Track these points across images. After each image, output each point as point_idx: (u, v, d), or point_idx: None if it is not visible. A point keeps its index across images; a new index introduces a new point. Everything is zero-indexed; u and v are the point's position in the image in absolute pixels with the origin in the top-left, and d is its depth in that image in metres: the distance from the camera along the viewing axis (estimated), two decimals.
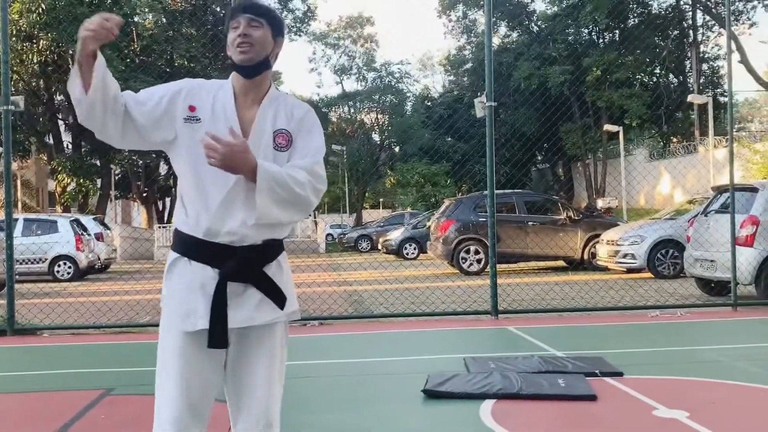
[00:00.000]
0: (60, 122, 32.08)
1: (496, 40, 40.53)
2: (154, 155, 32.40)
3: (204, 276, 2.27)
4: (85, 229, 18.75)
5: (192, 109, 2.30)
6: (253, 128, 2.32)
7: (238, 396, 2.38)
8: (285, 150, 2.36)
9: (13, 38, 23.76)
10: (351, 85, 53.39)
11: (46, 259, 17.26)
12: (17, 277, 7.72)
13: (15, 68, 26.26)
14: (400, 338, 7.19)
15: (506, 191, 17.02)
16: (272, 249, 2.37)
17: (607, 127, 31.32)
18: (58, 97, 31.47)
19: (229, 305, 2.25)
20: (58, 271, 17.41)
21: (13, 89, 9.98)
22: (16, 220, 17.82)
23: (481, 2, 32.44)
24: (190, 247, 2.31)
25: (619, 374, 5.08)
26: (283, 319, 2.38)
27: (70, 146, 32.44)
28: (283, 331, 2.43)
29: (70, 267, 17.46)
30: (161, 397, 2.29)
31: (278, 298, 2.33)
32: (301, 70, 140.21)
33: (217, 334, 2.23)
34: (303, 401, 4.59)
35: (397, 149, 50.59)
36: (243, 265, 2.28)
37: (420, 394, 4.65)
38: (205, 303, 2.25)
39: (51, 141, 31.58)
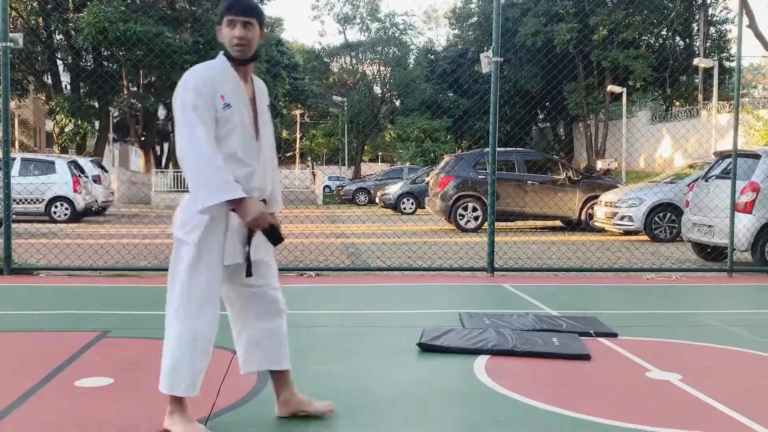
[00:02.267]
0: (59, 62, 31.67)
1: None
2: (153, 99, 32.13)
3: (239, 224, 2.95)
4: (82, 170, 18.67)
5: (223, 98, 2.89)
6: (259, 106, 3.06)
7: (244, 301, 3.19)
8: None
9: None
10: (354, 35, 52.79)
11: (43, 200, 17.23)
12: (14, 216, 7.70)
13: (14, 5, 25.84)
14: (395, 292, 7.21)
15: (506, 149, 16.93)
16: None
17: (611, 87, 31.08)
18: (58, 36, 31.02)
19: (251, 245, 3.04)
20: (55, 212, 17.40)
21: (11, 26, 9.81)
22: (14, 159, 17.71)
23: None
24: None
25: (613, 335, 5.11)
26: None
27: (68, 87, 32.09)
28: None
29: (67, 208, 17.45)
30: (202, 315, 2.92)
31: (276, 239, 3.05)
32: (304, 18, 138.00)
33: (251, 267, 3.03)
34: (297, 350, 4.61)
35: (398, 103, 50.19)
36: None
37: (415, 347, 4.67)
38: (241, 244, 3.01)
39: (49, 81, 31.23)
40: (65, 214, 17.42)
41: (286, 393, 3.29)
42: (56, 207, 17.43)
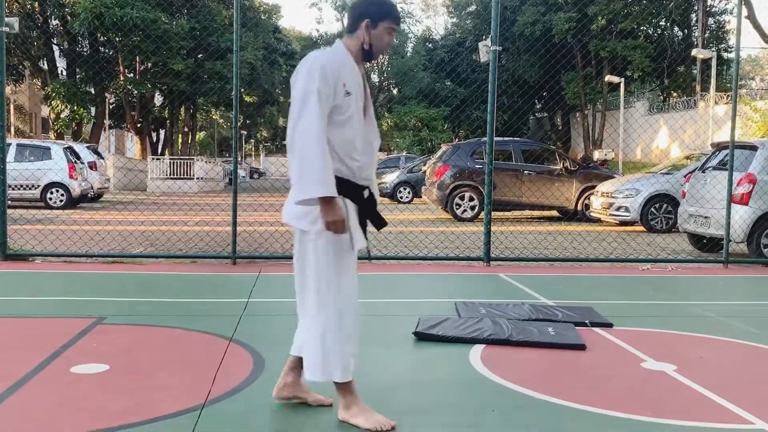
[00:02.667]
0: (55, 47, 31.49)
1: None
2: (149, 85, 31.99)
3: (353, 209, 3.06)
4: (78, 157, 18.61)
5: (344, 85, 2.96)
6: (368, 95, 3.17)
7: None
8: None
9: None
10: None
11: (38, 186, 17.18)
12: (9, 202, 7.66)
13: None
14: (392, 280, 7.21)
15: (504, 139, 16.91)
16: None
17: (609, 77, 31.04)
18: (54, 22, 30.84)
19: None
20: (50, 199, 17.36)
21: (7, 11, 9.76)
22: (9, 145, 17.64)
23: None
24: (343, 186, 2.98)
25: (609, 325, 5.12)
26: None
27: (64, 72, 31.94)
28: None
29: (62, 195, 17.41)
30: (344, 302, 3.00)
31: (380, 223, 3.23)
32: (301, 5, 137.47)
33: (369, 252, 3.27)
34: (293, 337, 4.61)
35: (395, 91, 50.07)
36: (368, 199, 3.15)
37: (411, 336, 4.68)
38: (359, 228, 3.08)
39: (45, 66, 31.07)
40: (61, 201, 17.38)
41: (294, 377, 3.31)
42: (52, 193, 17.39)
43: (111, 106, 34.91)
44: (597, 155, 26.83)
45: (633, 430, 3.10)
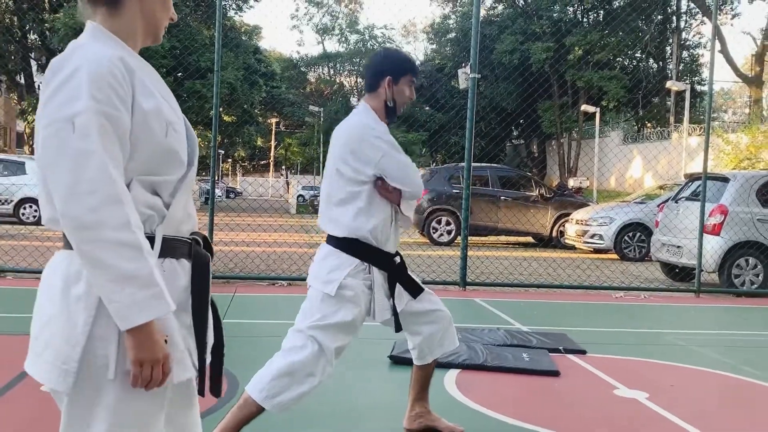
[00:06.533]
0: (33, 62, 31.27)
1: (481, 12, 40.16)
2: None
3: (383, 276, 3.01)
4: None
5: None
6: None
7: None
8: None
9: None
10: (332, 45, 52.83)
11: (11, 201, 16.97)
12: None
13: None
14: None
15: (481, 165, 17.05)
16: None
17: (585, 107, 31.43)
18: (32, 36, 30.67)
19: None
20: (23, 214, 17.14)
21: None
22: None
23: None
24: (372, 255, 2.97)
25: (582, 352, 5.16)
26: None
27: (41, 87, 31.73)
28: None
29: (36, 210, 17.18)
30: (322, 364, 2.91)
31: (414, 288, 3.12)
32: (282, 27, 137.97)
33: (399, 320, 3.11)
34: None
35: None
36: (399, 266, 3.08)
37: (386, 359, 4.68)
38: (387, 298, 3.04)
39: (22, 81, 30.83)
40: (34, 216, 17.16)
41: (421, 407, 3.41)
42: (25, 209, 17.18)
43: None
44: (572, 183, 27.07)
45: None
